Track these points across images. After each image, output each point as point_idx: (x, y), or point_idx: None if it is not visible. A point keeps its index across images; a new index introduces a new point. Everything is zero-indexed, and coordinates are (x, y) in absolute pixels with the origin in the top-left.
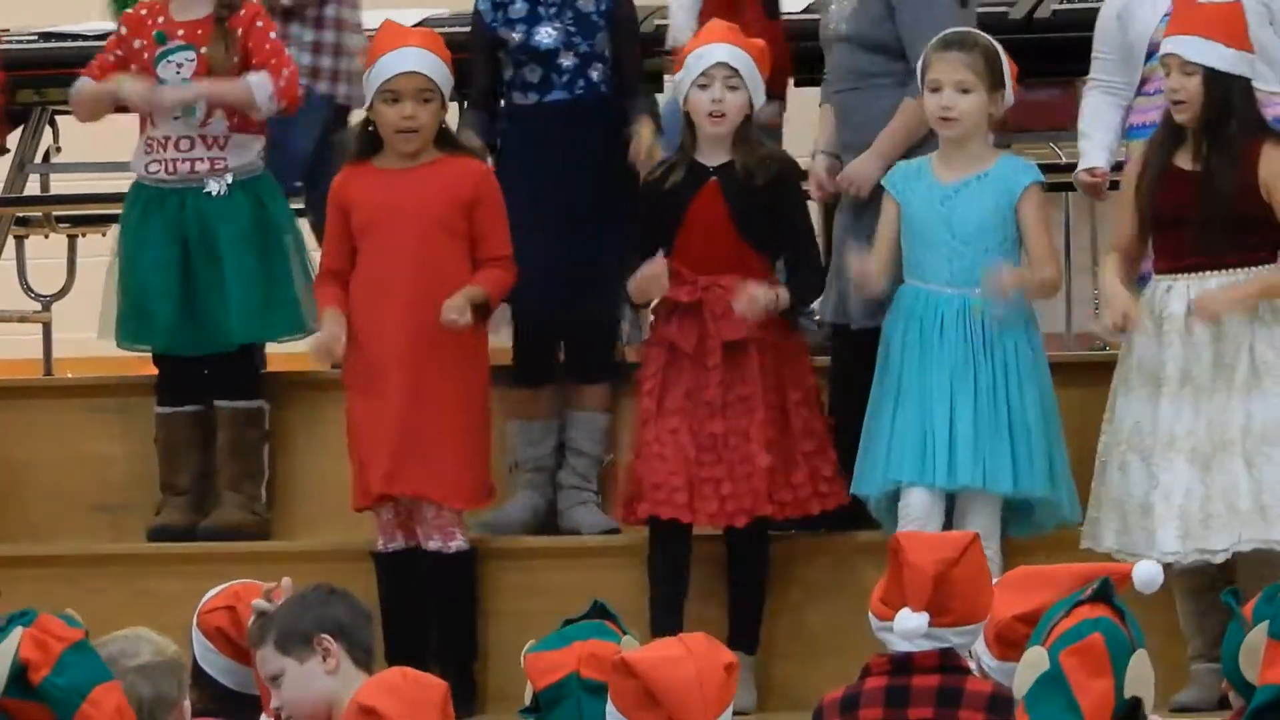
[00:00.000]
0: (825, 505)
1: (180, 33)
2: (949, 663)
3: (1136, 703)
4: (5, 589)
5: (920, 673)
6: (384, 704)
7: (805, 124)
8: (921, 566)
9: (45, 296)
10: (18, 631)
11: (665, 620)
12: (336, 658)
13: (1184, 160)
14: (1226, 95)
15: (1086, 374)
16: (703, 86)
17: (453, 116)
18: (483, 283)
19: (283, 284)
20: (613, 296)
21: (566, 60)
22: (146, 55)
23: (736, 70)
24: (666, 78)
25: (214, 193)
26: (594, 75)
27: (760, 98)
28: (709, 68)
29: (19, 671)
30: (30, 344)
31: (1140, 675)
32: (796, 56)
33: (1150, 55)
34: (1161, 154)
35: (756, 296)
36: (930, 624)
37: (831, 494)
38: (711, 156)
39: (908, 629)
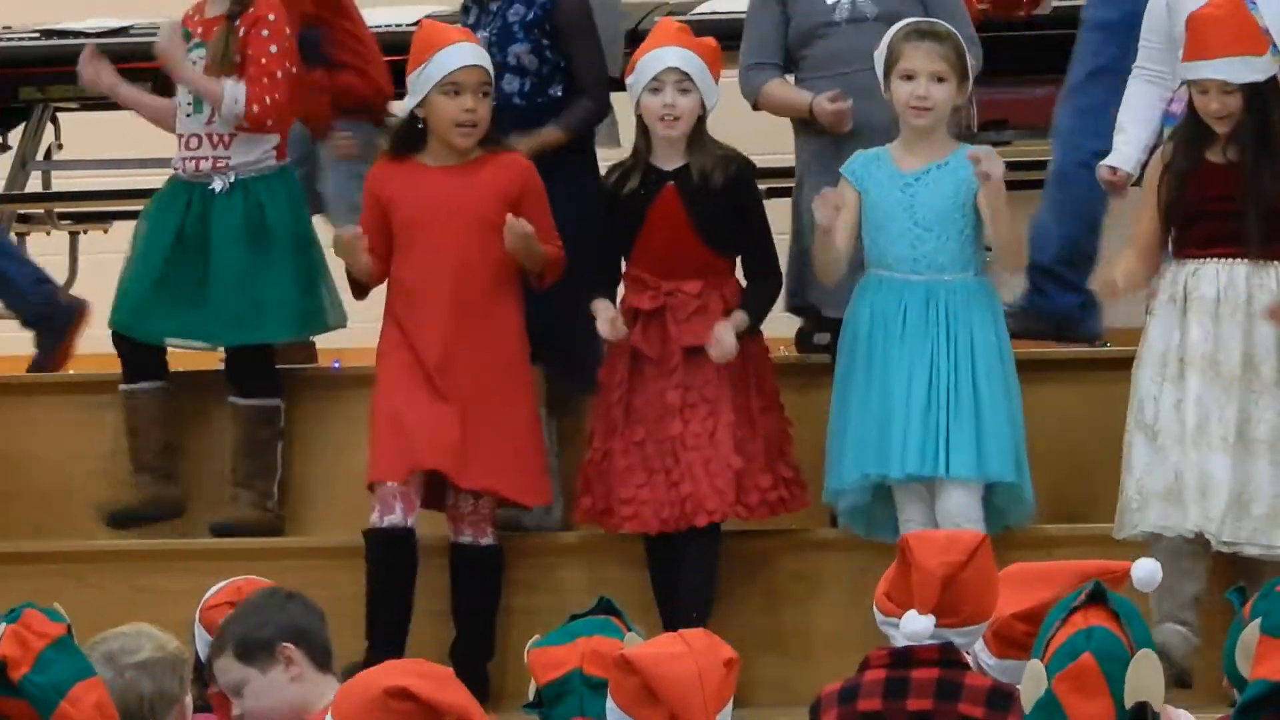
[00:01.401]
0: (789, 508)
1: (199, 31)
2: (948, 657)
3: (1142, 707)
4: (6, 586)
5: (920, 666)
6: (414, 684)
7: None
8: (930, 569)
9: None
10: (0, 629)
11: (675, 624)
12: (300, 665)
13: (1214, 155)
14: (1265, 100)
15: (1089, 370)
16: (654, 91)
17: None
18: (551, 249)
19: (274, 284)
20: (542, 298)
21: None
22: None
23: (688, 74)
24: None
25: (217, 189)
26: (506, 87)
27: (713, 98)
28: (660, 72)
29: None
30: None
31: (1142, 680)
32: None
33: None
34: (1189, 150)
35: (723, 338)
36: (936, 625)
37: (792, 498)
38: (667, 160)
39: (914, 631)
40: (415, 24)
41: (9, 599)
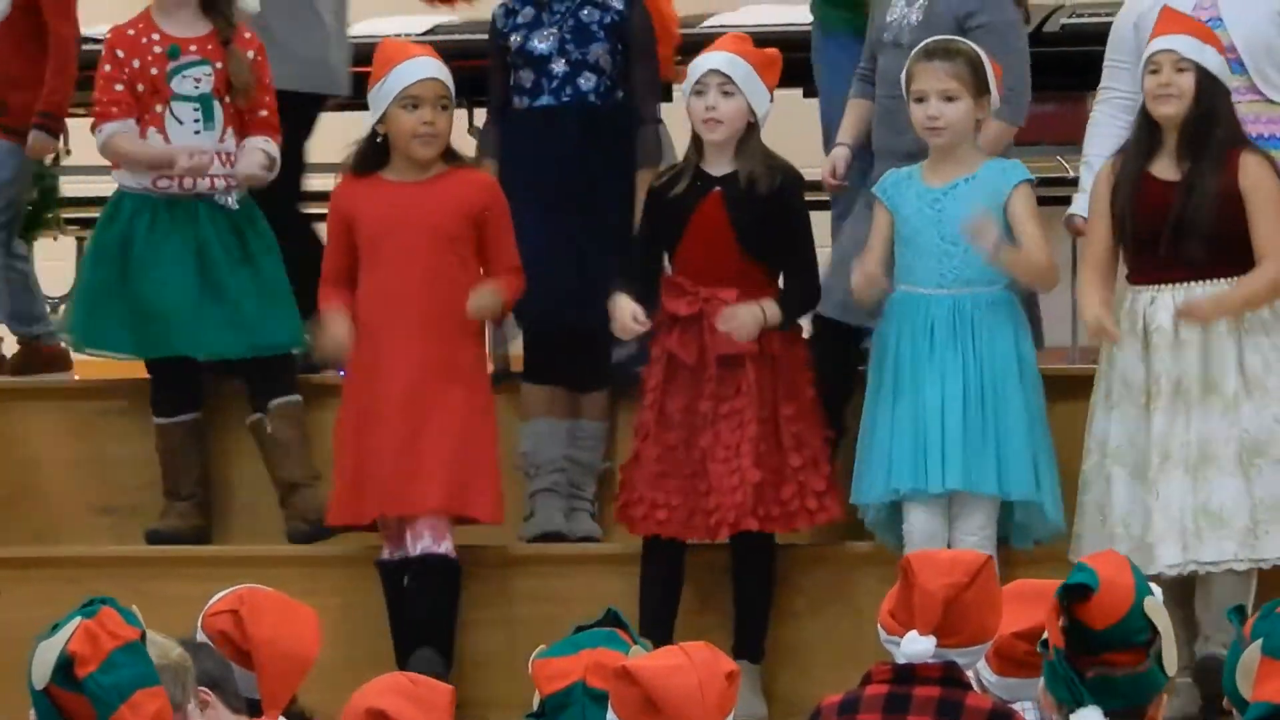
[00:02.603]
0: (814, 520)
1: (193, 48)
2: (951, 675)
3: (1155, 634)
4: (9, 590)
5: (922, 683)
6: (392, 705)
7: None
8: (931, 591)
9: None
10: (74, 623)
11: (654, 631)
12: (216, 709)
13: (1161, 170)
14: (1214, 99)
15: (1090, 389)
16: (698, 94)
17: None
18: (499, 287)
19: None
20: (600, 305)
21: (557, 66)
22: (156, 71)
23: (730, 77)
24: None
25: (229, 205)
26: (583, 84)
27: (762, 105)
28: (703, 75)
29: (66, 663)
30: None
31: (1158, 611)
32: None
33: None
34: (1136, 164)
35: (737, 316)
36: (938, 645)
37: (822, 509)
38: (716, 166)
39: (915, 652)
40: (427, 32)
41: (12, 604)
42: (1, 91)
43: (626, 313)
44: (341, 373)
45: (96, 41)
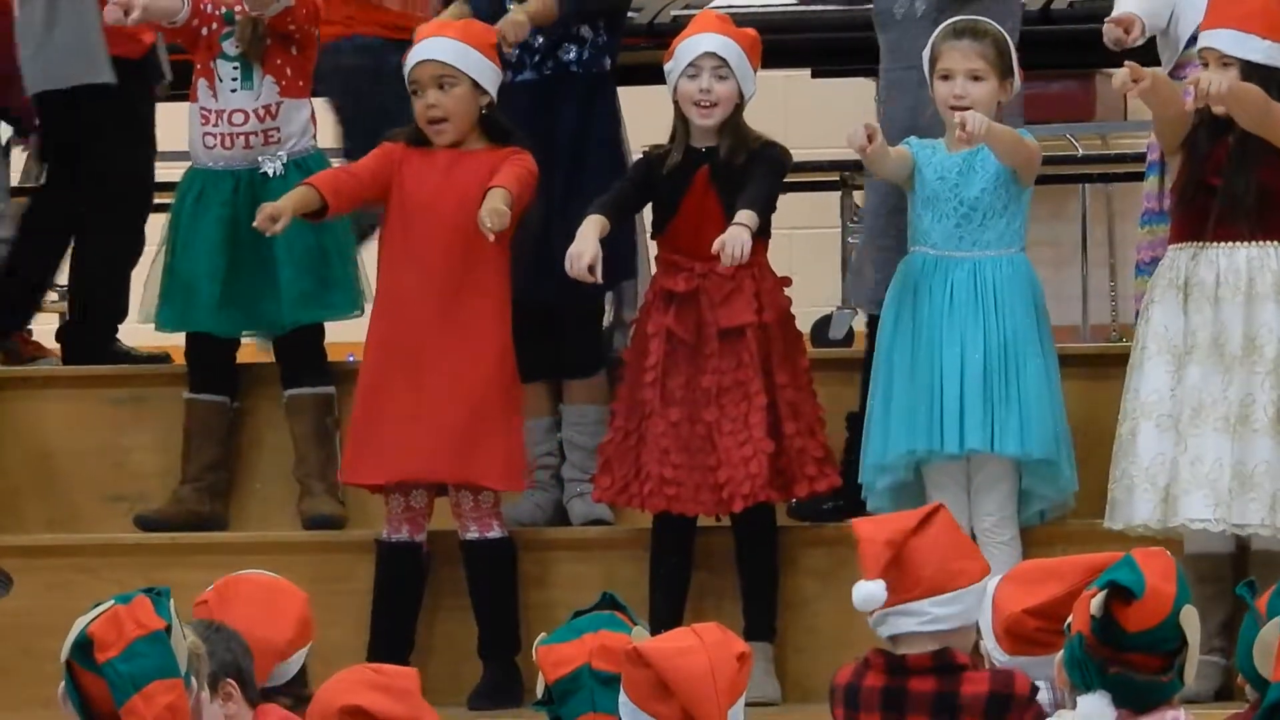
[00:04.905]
0: (814, 488)
1: (238, 8)
2: (943, 662)
3: (1184, 644)
4: (23, 578)
5: (916, 674)
6: (366, 699)
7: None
8: (874, 538)
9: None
10: (107, 605)
11: (667, 611)
12: (237, 703)
13: (1233, 136)
14: (1264, 87)
15: (1100, 366)
16: (691, 76)
17: None
18: (504, 181)
19: (337, 263)
20: (590, 286)
21: (538, 40)
22: (215, 27)
23: (725, 60)
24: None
25: (270, 173)
26: (565, 56)
27: (750, 87)
28: (697, 58)
29: (84, 643)
30: (48, 334)
31: (1191, 622)
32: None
33: (1192, 41)
34: (1213, 125)
35: (725, 245)
36: (904, 599)
37: (821, 475)
38: (702, 143)
39: (862, 598)
40: None
41: (24, 592)
42: None
43: (588, 249)
44: (351, 357)
45: None
